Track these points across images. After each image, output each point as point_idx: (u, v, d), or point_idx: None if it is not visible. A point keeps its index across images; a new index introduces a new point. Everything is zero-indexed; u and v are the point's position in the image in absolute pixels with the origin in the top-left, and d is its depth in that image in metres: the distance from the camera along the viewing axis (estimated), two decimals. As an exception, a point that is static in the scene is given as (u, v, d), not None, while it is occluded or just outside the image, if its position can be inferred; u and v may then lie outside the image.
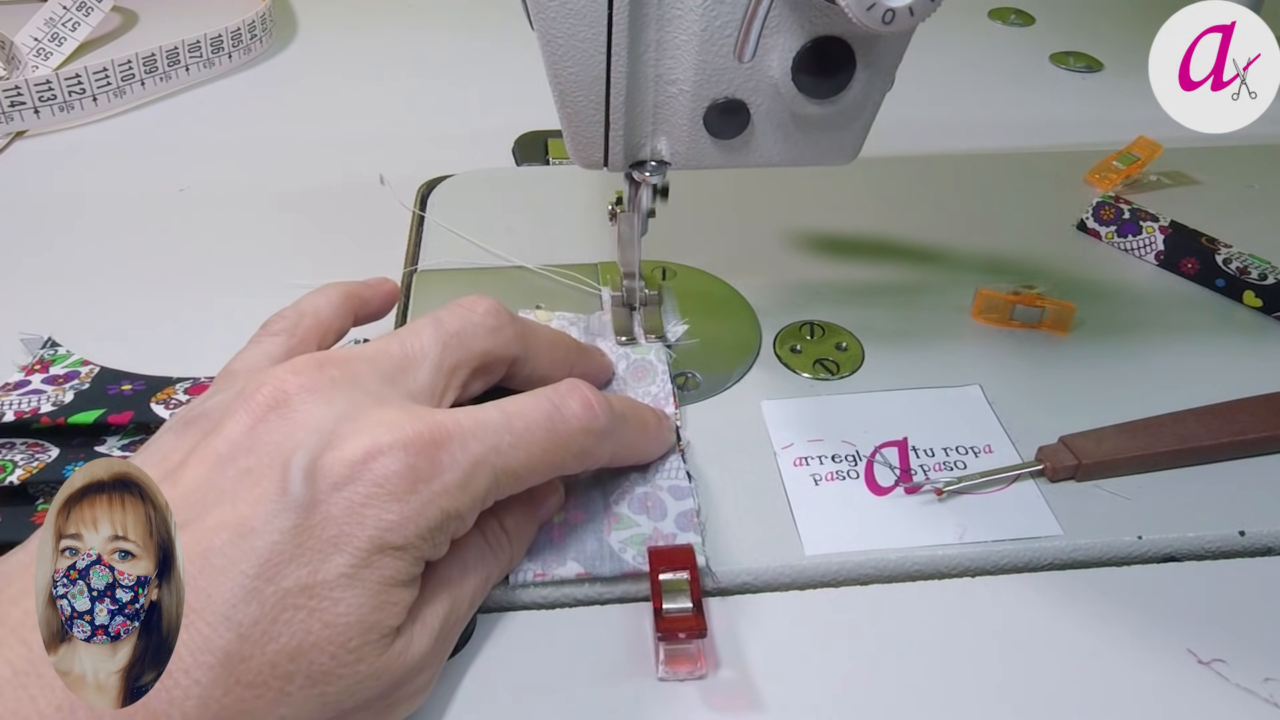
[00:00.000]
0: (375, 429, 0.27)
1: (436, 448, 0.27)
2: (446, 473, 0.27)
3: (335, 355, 0.30)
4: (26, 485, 0.35)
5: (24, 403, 0.38)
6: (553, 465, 0.31)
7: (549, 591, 0.33)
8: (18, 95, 0.58)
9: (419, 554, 0.27)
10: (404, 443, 0.27)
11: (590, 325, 0.44)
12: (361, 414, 0.28)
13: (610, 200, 0.42)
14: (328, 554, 0.26)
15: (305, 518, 0.26)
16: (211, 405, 0.29)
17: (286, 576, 0.25)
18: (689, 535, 0.34)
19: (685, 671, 0.31)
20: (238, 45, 0.67)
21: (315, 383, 0.28)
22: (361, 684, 0.26)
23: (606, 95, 0.35)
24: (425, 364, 0.31)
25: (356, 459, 0.26)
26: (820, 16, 0.33)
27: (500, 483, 0.29)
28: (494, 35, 0.73)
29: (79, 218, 0.52)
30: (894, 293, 0.47)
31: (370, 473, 0.26)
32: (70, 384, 0.39)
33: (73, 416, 0.37)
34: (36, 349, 0.42)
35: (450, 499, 0.27)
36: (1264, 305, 0.47)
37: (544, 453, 0.30)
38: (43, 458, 0.36)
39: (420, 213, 0.51)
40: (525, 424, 0.30)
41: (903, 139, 0.54)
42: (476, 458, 0.28)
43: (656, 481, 0.36)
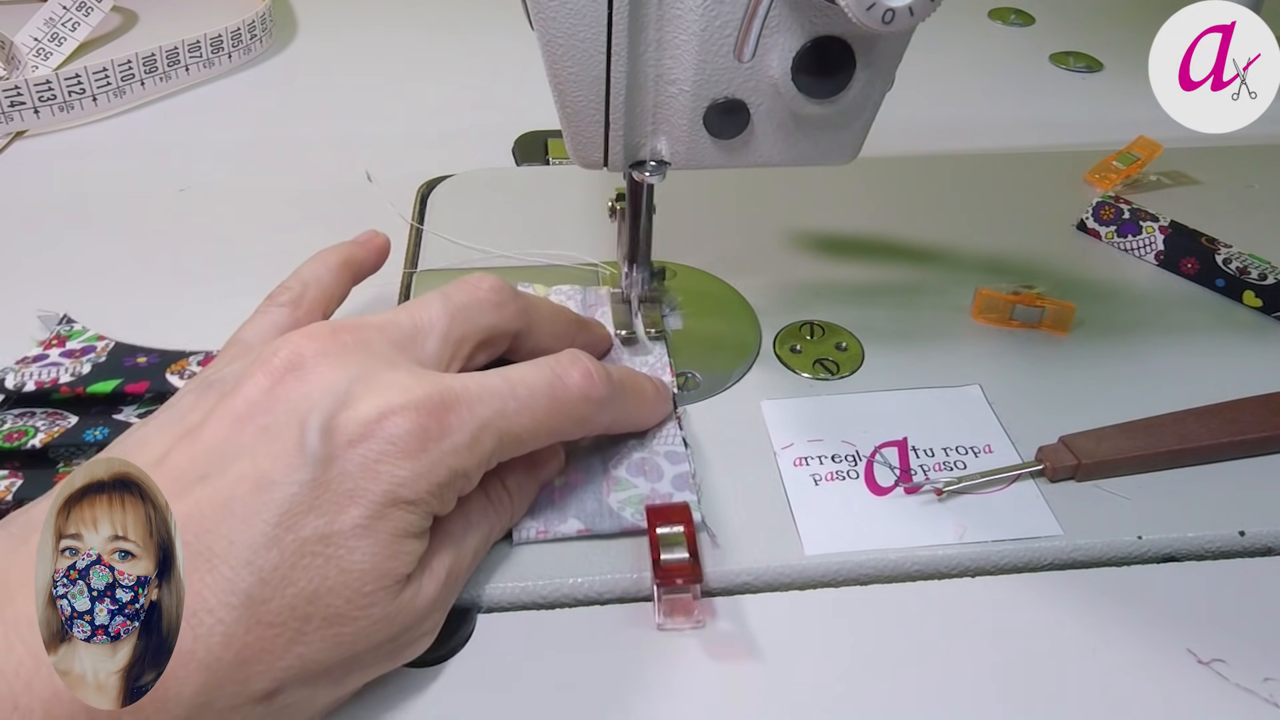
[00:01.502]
0: (388, 390, 0.28)
1: (446, 410, 0.29)
2: (455, 434, 0.29)
3: (348, 323, 0.31)
4: (48, 449, 0.36)
5: (44, 374, 0.39)
6: (554, 430, 0.32)
7: (549, 591, 0.33)
8: (17, 95, 0.58)
9: (428, 509, 0.29)
10: (415, 404, 0.28)
11: (587, 298, 0.45)
12: (374, 376, 0.29)
13: (610, 198, 0.42)
14: (344, 506, 0.27)
15: (322, 472, 0.27)
16: (229, 371, 0.31)
17: (305, 526, 0.26)
18: (685, 495, 0.35)
19: (683, 620, 0.32)
20: (238, 45, 0.67)
21: (330, 347, 0.30)
22: (374, 626, 0.28)
23: (606, 95, 0.35)
24: (433, 335, 0.32)
25: (370, 418, 0.28)
26: (820, 16, 0.33)
27: (504, 445, 0.30)
28: (494, 35, 0.73)
29: (78, 218, 0.52)
30: (894, 293, 0.47)
31: (384, 431, 0.28)
32: (87, 357, 0.41)
33: (91, 386, 0.39)
34: (53, 325, 0.43)
35: (458, 458, 0.29)
36: (1264, 305, 0.47)
37: (546, 418, 0.31)
38: (62, 424, 0.37)
39: (418, 225, 0.51)
40: (529, 390, 0.31)
41: (903, 139, 0.54)
42: (483, 420, 0.30)
43: (653, 447, 0.37)
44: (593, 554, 0.34)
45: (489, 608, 0.33)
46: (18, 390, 0.39)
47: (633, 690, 0.31)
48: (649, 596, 0.33)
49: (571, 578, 0.33)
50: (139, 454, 0.28)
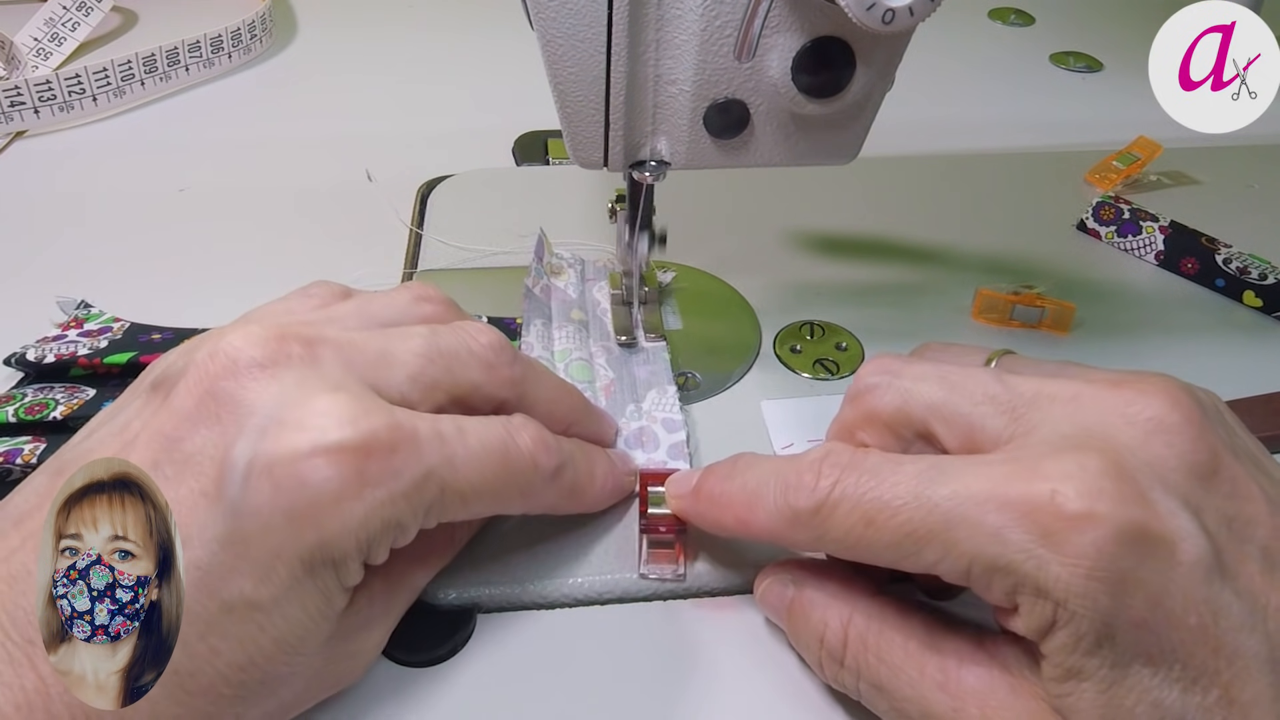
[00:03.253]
0: (324, 419, 0.25)
1: (389, 451, 0.25)
2: (395, 480, 0.25)
3: (302, 330, 0.27)
4: (68, 420, 0.37)
5: (63, 349, 0.41)
6: (497, 495, 0.29)
7: (549, 590, 0.33)
8: (17, 95, 0.58)
9: (360, 561, 0.26)
10: (355, 444, 0.25)
11: (586, 270, 0.45)
12: (312, 400, 0.25)
13: (610, 199, 0.42)
14: (270, 567, 0.24)
15: (244, 522, 0.24)
16: (174, 367, 0.28)
17: (228, 589, 0.24)
18: (679, 462, 0.37)
19: (666, 567, 0.33)
20: (238, 45, 0.67)
21: (271, 356, 0.26)
22: (314, 677, 0.27)
23: (606, 95, 0.35)
24: (402, 371, 0.28)
25: (300, 453, 0.24)
26: (820, 16, 0.33)
27: (446, 500, 0.27)
28: (494, 35, 0.73)
29: (79, 218, 0.52)
30: (894, 293, 0.47)
31: (314, 473, 0.24)
32: (104, 336, 0.42)
33: (108, 358, 0.40)
34: (71, 310, 0.44)
35: (395, 508, 0.26)
36: (1264, 305, 0.47)
37: (494, 478, 0.28)
38: (81, 396, 0.39)
39: (416, 229, 0.51)
40: (480, 443, 0.28)
41: (903, 139, 0.54)
42: (428, 468, 0.26)
43: (652, 414, 0.38)
44: (593, 554, 0.34)
45: (489, 608, 0.33)
46: (38, 362, 0.40)
47: (633, 690, 0.31)
48: (649, 597, 0.33)
49: (571, 578, 0.33)
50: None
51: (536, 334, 0.42)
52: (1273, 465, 0.27)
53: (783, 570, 0.31)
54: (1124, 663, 0.23)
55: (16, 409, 0.37)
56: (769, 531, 0.28)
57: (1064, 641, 0.23)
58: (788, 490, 0.27)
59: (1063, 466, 0.24)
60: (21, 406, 0.38)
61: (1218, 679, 0.23)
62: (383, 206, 0.52)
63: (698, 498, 0.31)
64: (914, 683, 0.26)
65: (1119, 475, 0.23)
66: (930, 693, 0.26)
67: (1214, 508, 0.24)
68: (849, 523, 0.26)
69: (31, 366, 0.40)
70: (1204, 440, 0.25)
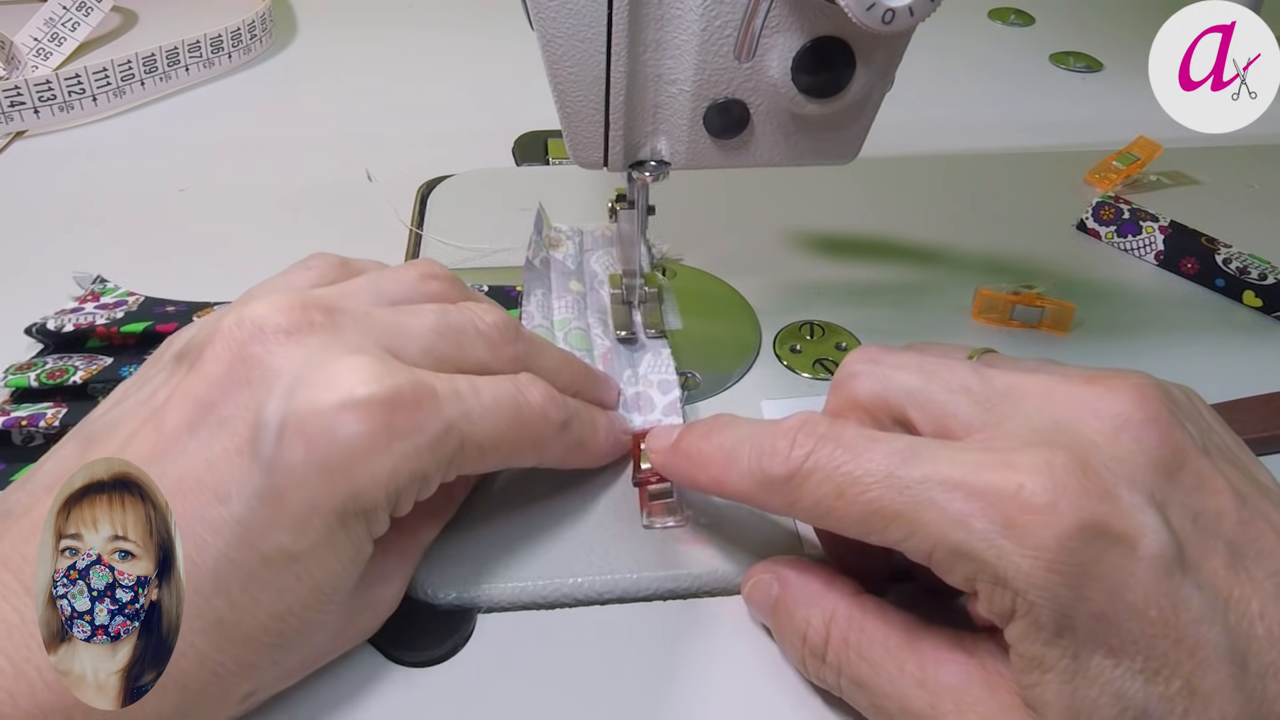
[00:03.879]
0: (351, 377, 0.26)
1: (413, 406, 0.27)
2: (419, 433, 0.27)
3: (322, 300, 0.29)
4: (88, 384, 0.39)
5: (81, 319, 0.42)
6: (513, 446, 0.30)
7: (549, 590, 0.33)
8: (17, 95, 0.58)
9: (388, 512, 0.28)
10: (381, 398, 0.26)
11: (585, 240, 0.46)
12: (337, 360, 0.27)
13: (610, 198, 0.42)
14: (305, 520, 0.26)
15: (278, 478, 0.25)
16: (198, 337, 0.29)
17: (266, 542, 0.25)
18: (673, 418, 0.38)
19: (667, 518, 0.35)
20: (238, 45, 0.67)
21: (295, 324, 0.27)
22: (342, 627, 0.29)
23: (606, 95, 0.35)
24: (415, 344, 0.29)
25: (330, 408, 0.26)
26: (820, 16, 0.33)
27: (466, 453, 0.28)
28: (494, 35, 0.73)
29: (78, 218, 0.52)
30: (894, 293, 0.47)
31: (344, 427, 0.26)
32: (120, 308, 0.44)
33: (125, 326, 0.42)
34: (88, 284, 0.46)
35: (420, 460, 0.27)
36: (1264, 305, 0.47)
37: (508, 430, 0.30)
38: (100, 363, 0.40)
39: (417, 230, 0.51)
40: (492, 398, 0.29)
41: (903, 139, 0.54)
42: (449, 421, 0.28)
43: (648, 377, 0.40)
44: (593, 554, 0.34)
45: (489, 608, 0.33)
46: (58, 332, 0.41)
47: (633, 690, 0.31)
48: (649, 597, 0.33)
49: (571, 578, 0.33)
50: (110, 437, 0.28)
51: (537, 304, 0.43)
52: (1250, 460, 0.27)
53: (768, 569, 0.31)
54: (1085, 654, 0.24)
55: (38, 374, 0.39)
56: (742, 493, 0.29)
57: (1024, 630, 0.24)
58: (762, 455, 0.28)
59: (1032, 460, 0.24)
60: (43, 372, 0.39)
61: (1179, 670, 0.23)
62: (383, 206, 0.52)
63: (675, 453, 0.32)
64: (893, 679, 0.27)
65: (1084, 471, 0.24)
66: (909, 689, 0.26)
67: (1179, 503, 0.25)
68: (820, 493, 0.27)
69: (51, 336, 0.42)
70: (1170, 436, 0.25)
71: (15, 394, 0.39)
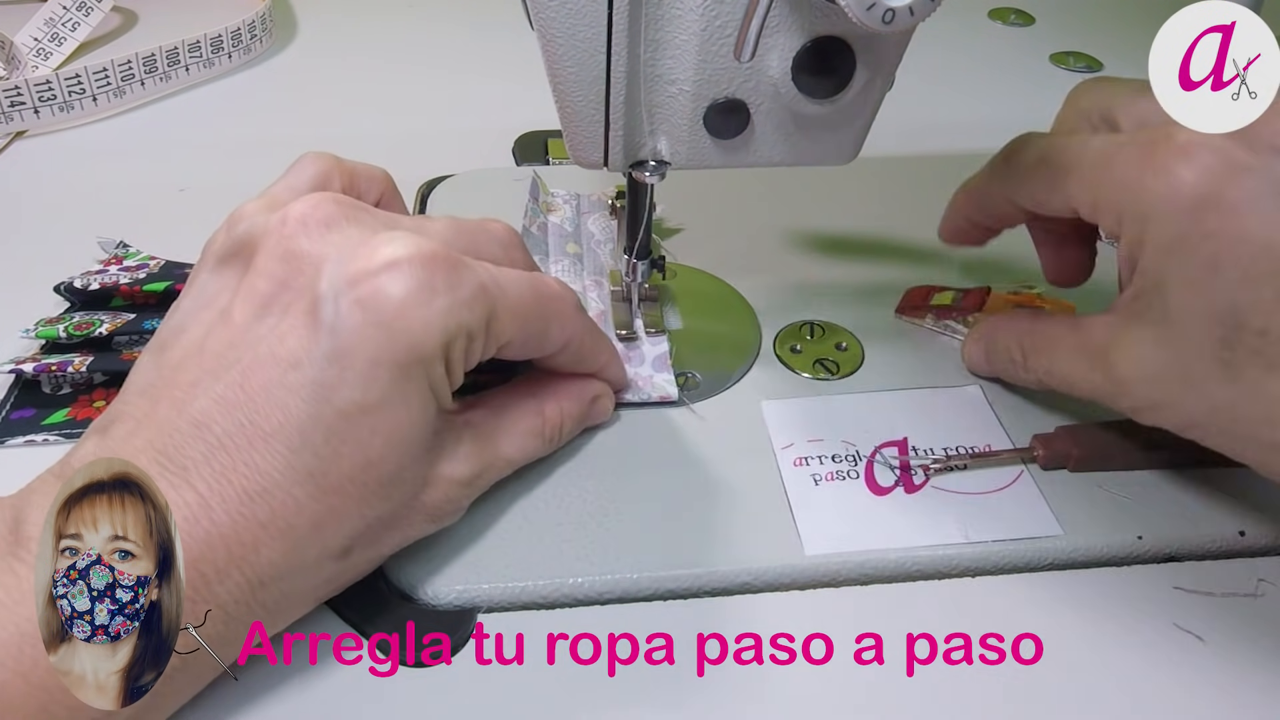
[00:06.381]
0: (393, 244, 0.29)
1: (451, 266, 0.30)
2: (459, 289, 0.30)
3: (349, 199, 0.32)
4: (113, 336, 0.41)
5: (106, 279, 0.45)
6: (539, 318, 0.33)
7: (549, 590, 0.33)
8: (18, 95, 0.58)
9: (443, 363, 0.30)
10: (423, 257, 0.29)
11: (581, 204, 0.48)
12: (374, 238, 0.30)
13: (610, 196, 0.42)
14: (372, 374, 0.28)
15: (341, 339, 0.28)
16: (244, 237, 0.32)
17: (339, 398, 0.28)
18: (664, 375, 0.40)
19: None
20: (238, 45, 0.67)
21: (331, 216, 0.31)
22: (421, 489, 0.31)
23: (606, 95, 0.35)
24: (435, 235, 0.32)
25: (379, 266, 0.29)
26: (820, 16, 0.33)
27: (497, 317, 0.31)
28: (494, 35, 0.73)
29: (79, 218, 0.52)
30: (894, 293, 0.47)
31: (394, 283, 0.28)
32: (142, 270, 0.46)
33: (147, 285, 0.44)
34: (111, 249, 0.49)
35: (461, 314, 0.30)
36: (1264, 305, 0.47)
37: (531, 303, 0.33)
38: (124, 317, 0.42)
39: None
40: (513, 274, 0.32)
41: (903, 139, 0.54)
42: (481, 282, 0.31)
43: (639, 334, 0.42)
44: (593, 554, 0.34)
45: (489, 608, 0.33)
46: (84, 289, 0.44)
47: (633, 691, 0.31)
48: (649, 597, 0.33)
49: (571, 578, 0.33)
50: (179, 341, 0.31)
51: None
52: None
53: (974, 334, 0.42)
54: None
55: (66, 326, 0.41)
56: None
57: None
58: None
59: None
60: (70, 324, 0.42)
61: None
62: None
63: None
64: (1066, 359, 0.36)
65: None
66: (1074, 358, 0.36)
67: None
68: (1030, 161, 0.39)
69: (78, 294, 0.45)
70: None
71: (46, 345, 0.42)
